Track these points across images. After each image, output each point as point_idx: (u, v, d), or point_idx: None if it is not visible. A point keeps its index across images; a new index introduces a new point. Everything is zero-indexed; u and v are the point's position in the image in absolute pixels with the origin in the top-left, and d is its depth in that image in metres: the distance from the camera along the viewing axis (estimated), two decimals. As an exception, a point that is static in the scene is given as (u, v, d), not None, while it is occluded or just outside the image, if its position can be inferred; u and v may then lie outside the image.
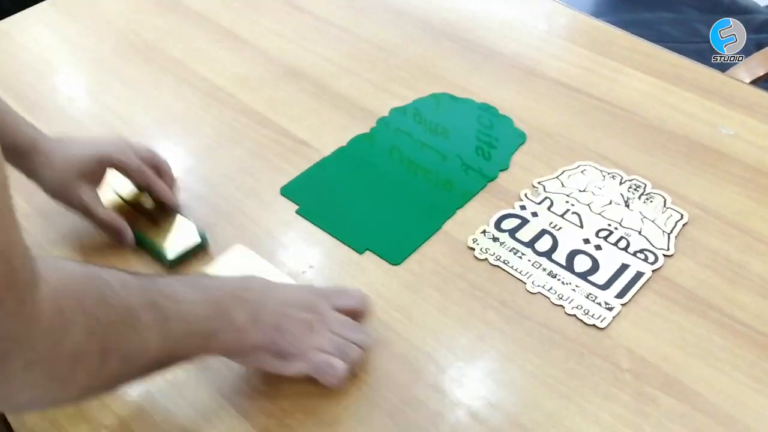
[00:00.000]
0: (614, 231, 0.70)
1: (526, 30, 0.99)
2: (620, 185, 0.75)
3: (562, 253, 0.68)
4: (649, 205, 0.72)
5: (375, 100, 0.88)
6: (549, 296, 0.64)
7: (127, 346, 0.45)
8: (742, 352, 0.59)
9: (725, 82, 0.89)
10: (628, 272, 0.66)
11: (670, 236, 0.69)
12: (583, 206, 0.73)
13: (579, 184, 0.75)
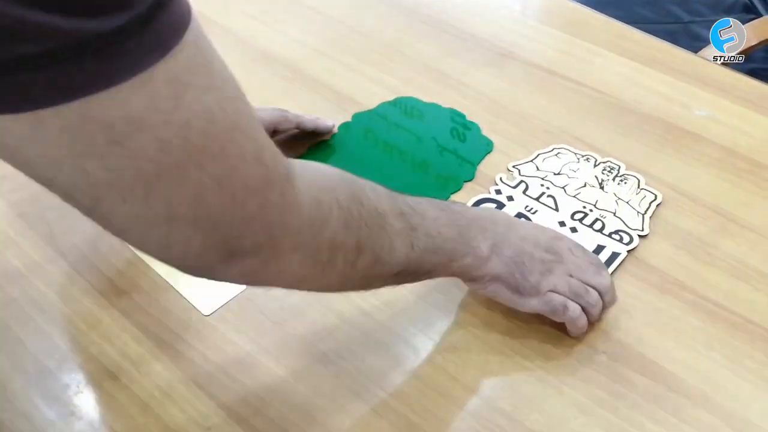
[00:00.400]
0: (589, 213, 0.70)
1: (500, 11, 0.99)
2: (594, 167, 0.75)
3: (538, 237, 0.68)
4: (624, 187, 0.73)
5: (349, 84, 0.87)
6: (526, 280, 0.64)
7: (379, 245, 0.48)
8: (716, 333, 0.60)
9: (699, 64, 0.89)
10: (603, 253, 0.66)
11: (644, 217, 0.69)
12: (558, 189, 0.73)
13: (554, 167, 0.75)
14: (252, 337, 0.61)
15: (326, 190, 0.44)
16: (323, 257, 0.44)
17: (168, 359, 0.60)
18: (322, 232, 0.43)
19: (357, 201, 0.46)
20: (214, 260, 0.39)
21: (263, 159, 0.38)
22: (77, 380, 0.59)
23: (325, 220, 0.43)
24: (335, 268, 0.45)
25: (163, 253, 0.39)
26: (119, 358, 0.60)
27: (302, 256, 0.43)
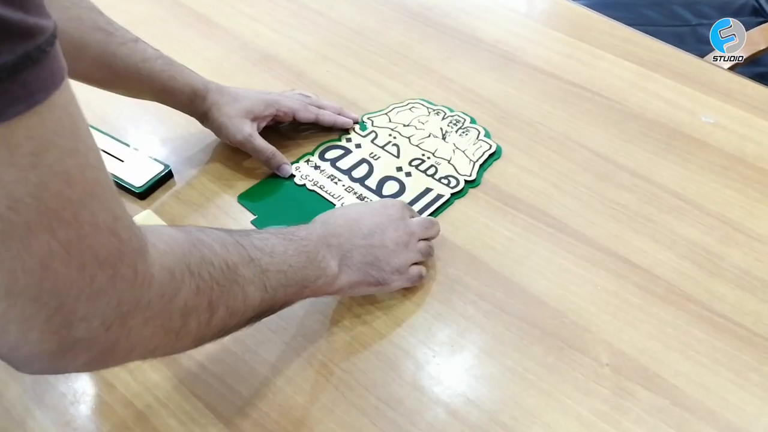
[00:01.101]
0: (426, 160, 0.77)
1: (504, 14, 0.98)
2: (442, 120, 0.81)
3: (375, 179, 0.75)
4: (464, 138, 0.78)
5: (352, 87, 0.86)
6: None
7: (232, 299, 0.47)
8: (721, 345, 0.59)
9: (705, 68, 0.88)
10: (429, 195, 0.72)
11: (475, 164, 0.75)
12: (404, 139, 0.79)
13: (404, 120, 0.81)
14: (249, 347, 0.61)
15: (177, 258, 0.42)
16: (176, 325, 0.43)
17: (164, 368, 0.59)
18: (173, 302, 0.42)
19: (207, 263, 0.45)
20: (55, 349, 0.35)
21: (117, 231, 0.36)
22: (73, 389, 0.58)
23: (176, 289, 0.42)
24: (189, 331, 0.44)
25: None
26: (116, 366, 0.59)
27: (153, 328, 0.41)
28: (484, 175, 0.75)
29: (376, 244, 0.60)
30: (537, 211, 0.71)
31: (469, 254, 0.67)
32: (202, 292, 0.44)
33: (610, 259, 0.66)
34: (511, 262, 0.66)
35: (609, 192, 0.72)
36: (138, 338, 0.40)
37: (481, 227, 0.70)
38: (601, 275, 0.65)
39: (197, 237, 0.46)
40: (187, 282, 0.43)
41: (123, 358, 0.41)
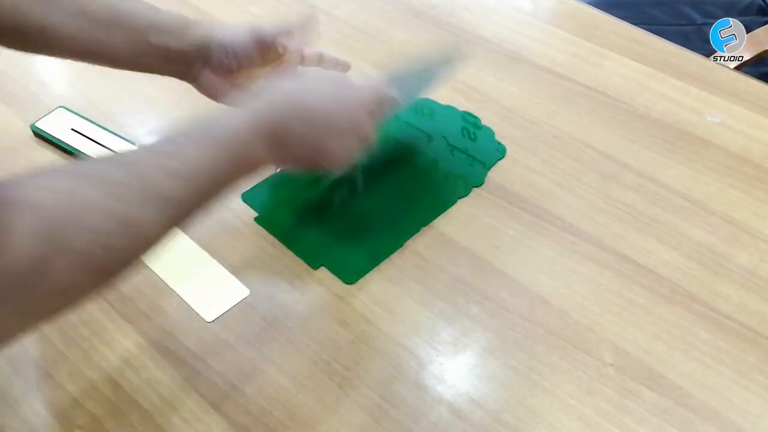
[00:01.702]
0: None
1: (509, 14, 0.98)
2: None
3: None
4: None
5: (356, 86, 0.86)
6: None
7: (127, 254, 0.44)
8: (726, 346, 0.59)
9: (712, 68, 0.87)
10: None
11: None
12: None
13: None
14: (254, 345, 0.61)
15: (54, 234, 0.38)
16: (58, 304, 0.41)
17: (170, 366, 0.60)
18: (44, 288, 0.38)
19: (88, 227, 0.41)
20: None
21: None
22: (80, 387, 0.58)
23: (47, 273, 0.38)
24: (80, 292, 0.42)
25: None
26: (121, 364, 0.60)
27: (36, 318, 0.40)
28: (489, 174, 0.75)
29: (328, 137, 0.57)
30: (541, 210, 0.71)
31: (473, 253, 0.67)
32: (88, 268, 0.40)
33: (615, 258, 0.66)
34: (515, 261, 0.66)
35: (614, 191, 0.72)
36: (15, 327, 0.39)
37: (485, 226, 0.70)
38: (605, 275, 0.65)
39: (80, 185, 0.41)
40: (66, 258, 0.38)
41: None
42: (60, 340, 0.62)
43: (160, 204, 0.45)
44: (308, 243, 0.69)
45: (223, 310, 0.63)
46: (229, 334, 0.62)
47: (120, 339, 0.62)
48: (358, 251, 0.68)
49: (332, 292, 0.65)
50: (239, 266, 0.67)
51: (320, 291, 0.65)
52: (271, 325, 0.62)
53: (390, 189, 0.74)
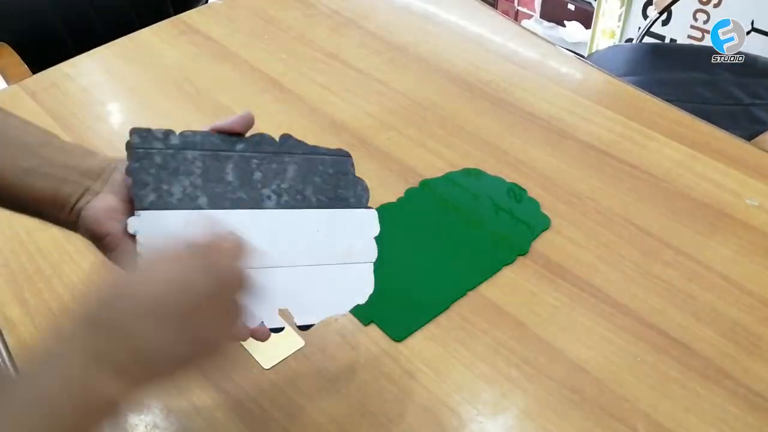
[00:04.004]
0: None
1: (559, 91, 1.03)
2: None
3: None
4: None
5: (411, 155, 0.92)
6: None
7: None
8: (755, 423, 0.61)
9: (753, 152, 0.91)
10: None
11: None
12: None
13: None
14: (306, 393, 0.65)
15: None
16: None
17: (228, 408, 0.64)
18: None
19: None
20: None
21: None
22: (146, 421, 0.64)
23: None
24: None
25: None
26: (184, 403, 0.65)
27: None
28: (533, 244, 0.79)
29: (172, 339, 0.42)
30: (582, 281, 0.75)
31: (515, 319, 0.71)
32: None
33: (651, 332, 0.69)
34: (555, 329, 0.70)
35: (653, 267, 0.76)
36: None
37: (527, 294, 0.74)
38: (641, 347, 0.68)
39: None
40: None
41: None
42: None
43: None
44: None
45: (279, 359, 0.68)
46: (284, 381, 0.66)
47: (185, 380, 0.67)
48: (406, 310, 0.73)
49: (381, 347, 0.69)
50: (296, 318, 0.72)
51: (369, 346, 0.69)
52: (323, 375, 0.67)
53: (437, 251, 0.79)
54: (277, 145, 0.54)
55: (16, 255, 0.79)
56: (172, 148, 0.50)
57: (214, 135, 0.52)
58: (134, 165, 0.49)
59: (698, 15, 2.05)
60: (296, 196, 0.54)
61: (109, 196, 0.49)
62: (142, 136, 0.50)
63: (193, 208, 0.50)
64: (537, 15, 2.47)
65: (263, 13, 1.23)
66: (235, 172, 0.52)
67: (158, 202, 0.49)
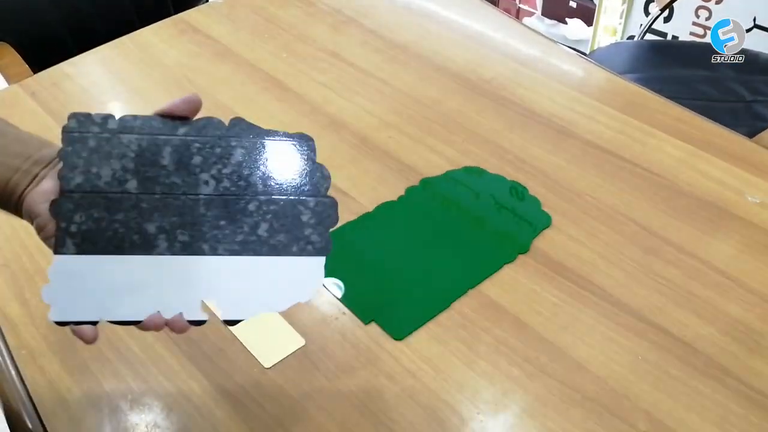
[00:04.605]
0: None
1: (560, 89, 1.03)
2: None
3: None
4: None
5: (412, 153, 0.92)
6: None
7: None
8: (757, 421, 0.61)
9: (754, 150, 0.91)
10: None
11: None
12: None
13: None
14: (307, 392, 0.65)
15: None
16: None
17: (229, 407, 0.64)
18: None
19: None
20: None
21: None
22: (146, 420, 0.64)
23: None
24: None
25: None
26: (185, 402, 0.65)
27: None
28: (534, 242, 0.79)
29: None
30: (583, 279, 0.74)
31: (516, 317, 0.71)
32: None
33: (653, 330, 0.69)
34: (556, 327, 0.70)
35: (654, 265, 0.76)
36: None
37: (528, 292, 0.74)
38: (643, 345, 0.68)
39: None
40: None
41: None
42: (132, 377, 0.67)
43: None
44: (361, 299, 0.74)
45: (280, 358, 0.68)
46: (285, 380, 0.66)
47: (185, 378, 0.67)
48: (407, 309, 0.72)
49: (381, 346, 0.69)
50: (296, 318, 0.72)
51: (370, 345, 0.69)
52: (323, 374, 0.67)
53: (438, 249, 0.79)
54: (224, 129, 0.52)
55: (17, 255, 0.79)
56: (109, 132, 0.50)
57: (157, 119, 0.51)
58: (67, 148, 0.49)
59: (700, 12, 2.05)
60: (238, 182, 0.51)
61: (47, 181, 0.49)
62: (79, 120, 0.49)
63: (121, 192, 0.49)
64: (538, 12, 2.47)
65: (264, 11, 1.23)
66: (173, 156, 0.50)
67: (84, 185, 0.48)
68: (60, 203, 0.48)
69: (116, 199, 0.49)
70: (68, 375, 0.67)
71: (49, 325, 0.70)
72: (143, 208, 0.49)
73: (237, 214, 0.51)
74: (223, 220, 0.50)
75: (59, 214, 0.48)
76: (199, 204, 0.50)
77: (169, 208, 0.49)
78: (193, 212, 0.50)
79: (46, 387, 0.66)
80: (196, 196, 0.50)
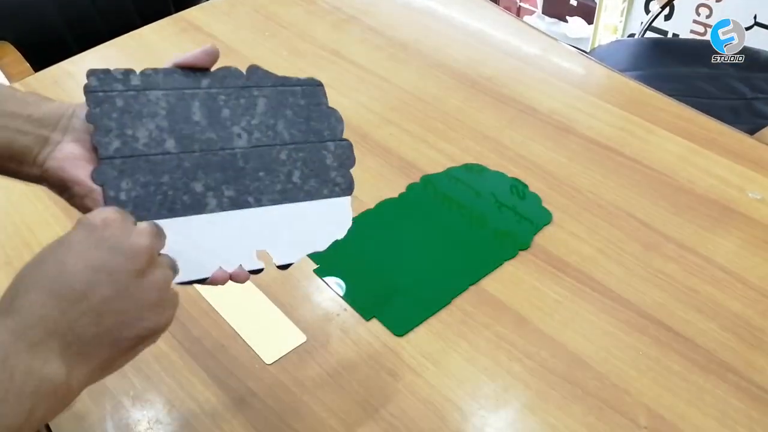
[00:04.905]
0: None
1: (560, 86, 1.03)
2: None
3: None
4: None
5: (412, 150, 0.92)
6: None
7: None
8: (758, 416, 0.61)
9: (755, 146, 0.91)
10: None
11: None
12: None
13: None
14: (308, 388, 0.66)
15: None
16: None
17: (231, 402, 0.65)
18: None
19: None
20: None
21: None
22: (148, 417, 0.64)
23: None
24: None
25: None
26: (187, 398, 0.65)
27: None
28: (534, 238, 0.79)
29: (101, 302, 0.40)
30: (584, 275, 0.75)
31: (516, 313, 0.71)
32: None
33: (653, 326, 0.69)
34: (557, 323, 0.70)
35: (655, 261, 0.76)
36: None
37: (529, 288, 0.74)
38: (643, 341, 0.68)
39: None
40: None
41: None
42: (134, 373, 0.67)
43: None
44: (363, 296, 0.74)
45: (281, 354, 0.68)
46: (286, 376, 0.67)
47: (186, 374, 0.67)
48: (408, 305, 0.73)
49: (383, 342, 0.69)
50: (298, 314, 0.72)
51: (371, 341, 0.69)
52: (324, 370, 0.67)
53: (438, 245, 0.79)
54: (244, 79, 0.53)
55: (19, 252, 0.79)
56: (134, 90, 0.49)
57: (177, 71, 0.51)
58: (95, 110, 0.48)
59: (701, 10, 2.05)
60: (267, 132, 0.52)
61: (70, 145, 0.47)
62: (100, 78, 0.49)
63: (162, 153, 0.49)
64: (539, 11, 2.47)
65: (264, 9, 1.23)
66: (203, 111, 0.51)
67: (123, 149, 0.48)
68: (103, 171, 0.47)
69: (159, 161, 0.49)
70: (70, 371, 0.67)
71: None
72: (186, 167, 0.49)
73: (272, 163, 0.52)
74: (261, 171, 0.52)
75: (105, 183, 0.46)
76: (237, 158, 0.51)
77: (211, 164, 0.50)
78: (234, 166, 0.51)
79: (49, 383, 0.66)
80: (232, 150, 0.51)
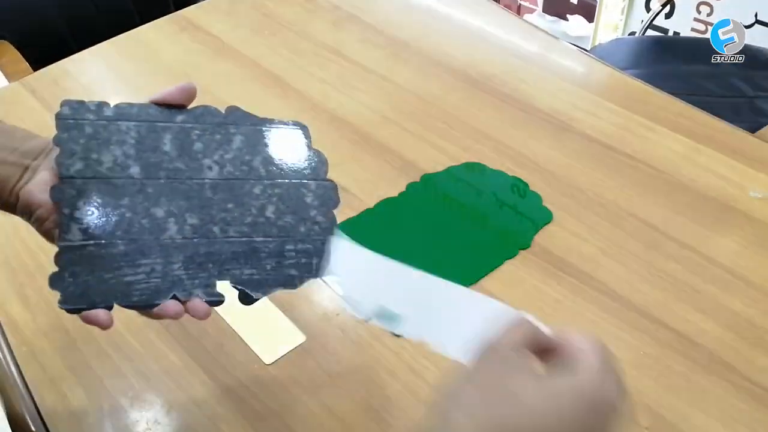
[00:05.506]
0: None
1: (561, 85, 1.03)
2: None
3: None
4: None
5: (413, 149, 0.92)
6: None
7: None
8: (761, 416, 0.61)
9: (756, 144, 0.90)
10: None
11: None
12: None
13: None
14: (308, 388, 0.65)
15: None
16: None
17: (230, 403, 0.64)
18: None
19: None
20: None
21: None
22: (146, 417, 0.64)
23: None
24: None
25: None
26: (186, 399, 0.65)
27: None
28: (535, 237, 0.79)
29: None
30: (585, 275, 0.74)
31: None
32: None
33: (655, 325, 0.69)
34: (557, 323, 0.69)
35: (656, 261, 0.75)
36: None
37: (530, 288, 0.73)
38: (645, 341, 0.68)
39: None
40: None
41: None
42: (132, 374, 0.67)
43: None
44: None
45: (281, 354, 0.68)
46: (286, 376, 0.66)
47: (185, 374, 0.67)
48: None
49: (383, 343, 0.69)
50: (297, 314, 0.72)
51: (371, 341, 0.69)
52: (324, 370, 0.67)
53: (438, 245, 0.79)
54: (221, 117, 0.52)
55: (17, 252, 0.79)
56: (105, 120, 0.49)
57: (153, 107, 0.51)
58: (62, 135, 0.48)
59: (701, 8, 2.04)
60: (241, 167, 0.51)
61: (44, 173, 0.48)
62: (73, 107, 0.49)
63: (124, 178, 0.48)
64: (539, 9, 2.47)
65: (264, 8, 1.23)
66: (174, 143, 0.50)
67: (85, 171, 0.47)
68: (61, 189, 0.47)
69: (120, 185, 0.48)
70: (69, 372, 0.67)
71: (50, 322, 0.71)
72: (149, 192, 0.49)
73: (244, 197, 0.51)
74: (231, 203, 0.50)
75: (62, 200, 0.46)
76: (205, 188, 0.50)
77: (176, 192, 0.49)
78: (200, 195, 0.50)
79: (47, 384, 0.66)
80: (201, 180, 0.50)
